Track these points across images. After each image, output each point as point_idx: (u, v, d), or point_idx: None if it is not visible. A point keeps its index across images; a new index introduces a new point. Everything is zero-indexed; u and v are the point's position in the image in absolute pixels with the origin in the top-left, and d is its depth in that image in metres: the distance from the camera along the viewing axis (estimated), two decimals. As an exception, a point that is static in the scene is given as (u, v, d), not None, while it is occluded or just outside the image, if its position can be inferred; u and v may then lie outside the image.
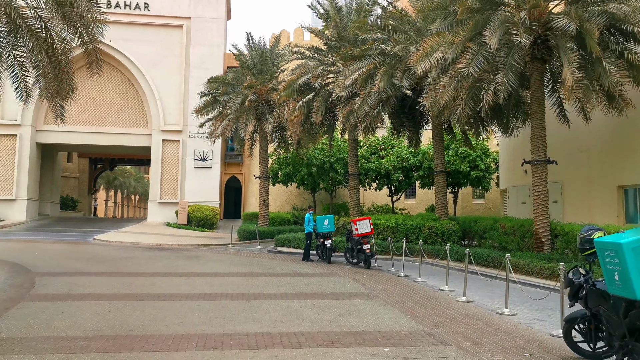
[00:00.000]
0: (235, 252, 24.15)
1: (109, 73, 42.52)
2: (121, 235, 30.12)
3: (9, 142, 39.68)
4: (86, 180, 56.60)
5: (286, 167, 37.72)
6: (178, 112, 42.05)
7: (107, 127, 42.21)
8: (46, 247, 23.59)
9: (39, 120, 41.22)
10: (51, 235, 30.38)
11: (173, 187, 41.85)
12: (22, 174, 39.64)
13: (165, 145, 41.96)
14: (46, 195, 44.77)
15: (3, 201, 39.19)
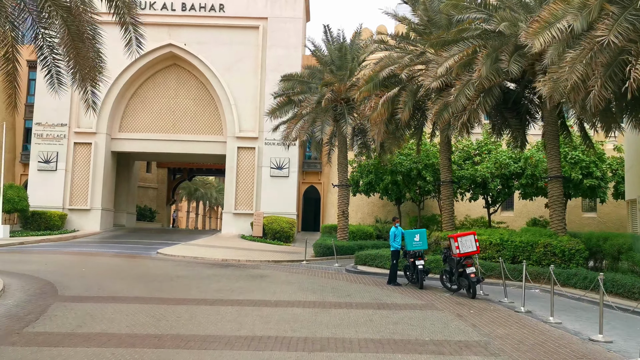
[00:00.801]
0: (308, 270, 20.58)
1: (183, 78, 40.67)
2: (187, 249, 27.41)
3: (84, 150, 38.47)
4: (165, 190, 55.38)
5: (368, 175, 33.92)
6: (254, 117, 39.40)
7: (181, 135, 40.23)
8: (100, 261, 21.07)
9: (114, 128, 39.85)
10: (116, 247, 28.20)
11: (248, 197, 39.14)
12: (96, 183, 38.27)
13: (240, 153, 39.38)
14: (122, 205, 43.41)
15: (78, 211, 37.92)
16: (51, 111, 37.97)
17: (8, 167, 39.78)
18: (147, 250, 27.01)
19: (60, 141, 38.06)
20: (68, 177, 38.01)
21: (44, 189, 37.43)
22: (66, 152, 38.03)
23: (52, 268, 18.08)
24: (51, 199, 37.41)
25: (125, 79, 39.07)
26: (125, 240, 33.24)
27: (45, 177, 37.64)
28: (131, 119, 40.15)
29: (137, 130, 40.08)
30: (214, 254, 25.14)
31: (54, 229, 35.91)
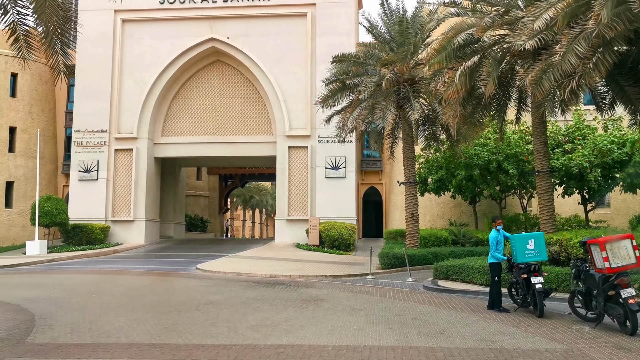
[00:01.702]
0: (376, 289, 16.04)
1: (227, 75, 37.02)
2: (232, 263, 23.38)
3: (125, 157, 35.32)
4: (217, 198, 52.07)
5: (437, 171, 29.07)
6: (305, 114, 35.24)
7: (228, 136, 36.50)
8: (123, 282, 17.24)
9: (156, 132, 36.57)
10: (154, 263, 24.51)
11: (302, 202, 34.95)
12: (139, 192, 35.02)
13: (291, 153, 35.27)
14: (169, 215, 40.12)
15: (121, 223, 34.75)
16: (90, 117, 35.07)
17: (50, 178, 37.18)
18: (187, 265, 23.17)
19: (101, 148, 35.06)
20: (110, 186, 34.94)
21: (85, 200, 34.48)
22: (107, 160, 34.99)
23: (58, 294, 14.32)
24: (92, 210, 34.40)
25: (166, 78, 35.72)
26: (168, 253, 29.67)
27: (86, 188, 34.70)
28: (174, 121, 36.79)
29: (181, 134, 36.67)
30: (261, 269, 20.97)
31: (95, 243, 32.83)
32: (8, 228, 34.24)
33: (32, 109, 36.10)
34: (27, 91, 35.86)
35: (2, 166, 34.35)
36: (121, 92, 35.57)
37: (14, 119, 35.10)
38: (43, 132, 36.27)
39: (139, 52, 35.80)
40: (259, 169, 51.16)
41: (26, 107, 35.71)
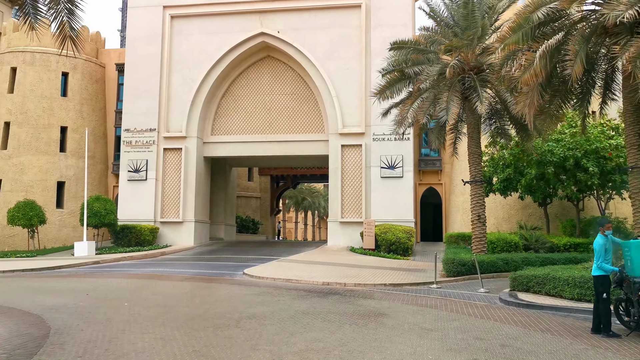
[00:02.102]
0: (444, 301, 13.79)
1: (278, 71, 35.38)
2: (282, 268, 21.55)
3: (175, 157, 34.18)
4: (268, 200, 50.63)
5: (504, 169, 26.43)
6: (359, 110, 33.18)
7: (278, 135, 34.86)
8: (161, 288, 15.63)
9: (205, 131, 35.31)
10: (200, 266, 23.01)
11: (356, 203, 32.88)
12: (188, 192, 33.80)
13: (345, 152, 33.25)
14: (219, 217, 38.82)
15: (170, 224, 33.62)
16: (139, 115, 34.14)
17: (100, 179, 36.53)
18: (234, 269, 21.51)
19: (150, 148, 34.05)
20: (159, 186, 33.88)
21: (134, 201, 33.54)
22: (156, 160, 33.94)
23: (88, 302, 12.81)
24: (142, 211, 33.41)
25: (215, 75, 34.39)
26: (217, 256, 28.19)
27: (135, 188, 33.75)
28: (223, 120, 35.43)
29: (230, 132, 35.26)
30: (313, 275, 19.02)
31: (144, 244, 31.77)
32: (59, 229, 33.68)
33: (83, 108, 35.51)
34: (77, 90, 35.30)
35: (54, 166, 33.85)
36: (170, 90, 34.50)
37: (64, 118, 34.56)
38: (93, 131, 35.65)
39: (188, 49, 34.65)
40: (311, 170, 49.40)
41: (77, 106, 35.14)
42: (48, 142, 33.81)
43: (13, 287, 15.41)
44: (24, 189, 32.90)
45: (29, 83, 34.00)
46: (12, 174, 33.15)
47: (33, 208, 29.85)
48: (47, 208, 32.58)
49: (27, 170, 33.19)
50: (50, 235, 33.25)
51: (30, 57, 34.21)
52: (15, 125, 33.67)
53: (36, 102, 33.87)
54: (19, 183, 33.05)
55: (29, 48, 34.25)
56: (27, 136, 33.51)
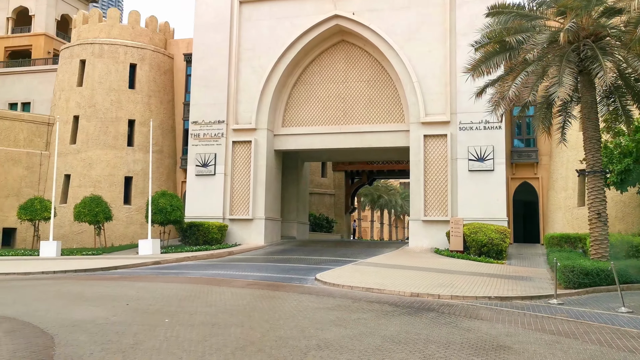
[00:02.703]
0: (579, 325, 10.20)
1: (353, 56, 32.31)
2: (360, 272, 18.44)
3: (244, 150, 31.86)
4: (343, 197, 47.68)
5: (621, 160, 22.07)
6: (443, 97, 29.56)
7: (354, 126, 31.81)
8: (218, 298, 12.91)
9: (276, 122, 32.80)
10: (268, 269, 20.34)
11: (440, 200, 29.27)
12: (258, 188, 31.39)
13: (427, 143, 29.71)
14: (291, 214, 36.25)
15: (239, 222, 31.35)
16: (207, 107, 32.09)
17: (168, 174, 34.88)
18: (305, 273, 18.66)
19: (218, 141, 31.92)
20: (227, 181, 31.70)
21: (202, 197, 31.53)
22: (225, 153, 31.77)
23: (123, 316, 10.28)
24: (210, 207, 31.34)
25: (286, 62, 31.80)
26: (287, 257, 25.53)
27: (203, 183, 31.74)
28: (295, 110, 32.78)
29: (302, 124, 32.56)
30: (397, 283, 15.79)
31: (212, 243, 29.65)
32: (127, 225, 32.24)
33: (151, 100, 33.96)
34: (145, 82, 33.78)
35: (121, 161, 32.46)
36: (238, 79, 32.23)
37: (132, 111, 33.11)
38: (161, 125, 34.04)
39: (257, 36, 32.24)
40: (388, 165, 46.00)
41: (144, 98, 33.62)
42: (116, 136, 32.45)
43: (50, 293, 13.24)
44: (92, 184, 31.67)
45: (97, 75, 32.77)
46: (80, 169, 32.02)
47: (99, 204, 28.39)
48: (115, 204, 31.17)
49: (95, 165, 31.96)
50: (117, 232, 31.84)
51: (98, 49, 32.98)
52: (84, 119, 32.52)
53: (104, 94, 32.59)
54: (87, 178, 31.85)
55: (97, 40, 33.06)
56: (95, 130, 32.28)
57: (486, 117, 28.44)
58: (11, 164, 31.54)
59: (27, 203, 27.97)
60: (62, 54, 34.61)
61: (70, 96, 32.93)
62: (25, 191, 31.28)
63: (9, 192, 31.23)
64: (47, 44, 41.86)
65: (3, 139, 31.58)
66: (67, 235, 31.29)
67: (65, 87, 33.25)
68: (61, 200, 31.91)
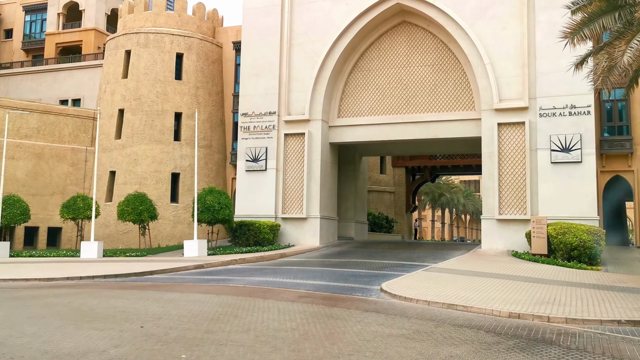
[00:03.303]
0: None
1: (416, 38, 28.96)
2: (432, 282, 15.16)
3: (296, 143, 29.08)
4: (403, 195, 44.23)
5: None
6: (519, 80, 25.81)
7: (417, 115, 28.45)
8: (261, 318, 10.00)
9: (331, 113, 29.83)
10: (323, 275, 17.38)
11: (518, 196, 25.55)
12: (312, 184, 28.53)
13: (502, 132, 26.03)
14: (348, 213, 33.20)
15: (292, 221, 28.60)
16: (258, 97, 29.50)
17: (218, 170, 32.55)
18: (368, 281, 15.60)
19: (269, 134, 29.27)
20: (279, 177, 28.99)
21: (252, 194, 28.96)
22: (276, 147, 29.09)
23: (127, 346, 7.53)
24: (261, 205, 28.73)
25: (342, 47, 28.80)
26: (346, 260, 22.52)
27: (253, 179, 29.16)
28: (352, 99, 29.72)
29: (360, 114, 29.47)
30: (486, 297, 12.45)
31: (264, 243, 27.05)
32: (174, 225, 30.08)
33: (198, 92, 31.69)
34: (192, 72, 31.55)
35: (168, 156, 30.32)
36: (290, 67, 29.46)
37: (179, 103, 30.92)
38: (210, 117, 31.74)
39: (310, 19, 29.37)
40: (452, 160, 42.35)
41: (192, 90, 31.38)
42: (162, 130, 30.34)
43: (54, 309, 10.72)
44: (138, 181, 29.67)
45: (142, 66, 30.78)
46: (125, 165, 30.09)
47: (143, 201, 26.25)
48: (161, 202, 29.05)
49: (140, 160, 29.95)
50: (164, 232, 29.71)
51: (144, 39, 30.99)
52: (129, 113, 30.59)
53: (150, 86, 30.55)
54: (133, 175, 29.89)
55: (143, 29, 31.08)
56: (140, 124, 30.28)
57: (573, 101, 24.71)
58: (56, 161, 29.98)
59: (70, 201, 26.18)
60: (108, 45, 32.88)
61: (115, 89, 31.10)
62: (70, 189, 29.62)
63: (54, 190, 29.68)
64: (97, 38, 40.55)
65: (48, 134, 30.08)
66: (112, 235, 29.42)
67: (110, 79, 31.46)
68: (106, 198, 30.10)
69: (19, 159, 29.04)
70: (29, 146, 29.32)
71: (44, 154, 29.75)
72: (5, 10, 44.45)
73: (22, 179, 29.02)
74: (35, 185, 29.29)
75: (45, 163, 29.69)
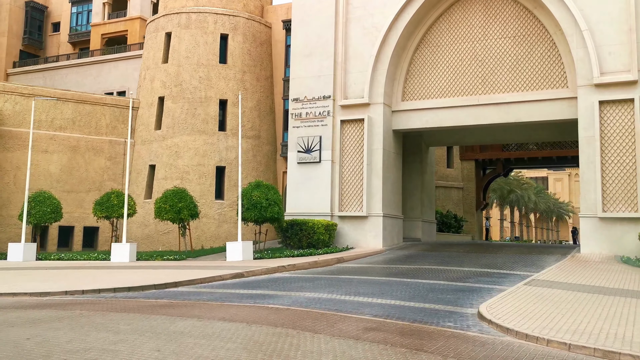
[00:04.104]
0: None
1: (495, 6, 24.41)
2: (549, 303, 10.81)
3: (354, 131, 25.13)
4: (473, 191, 39.42)
5: None
6: (626, 48, 20.86)
7: (495, 95, 23.91)
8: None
9: (394, 95, 25.70)
10: (392, 288, 13.34)
11: (627, 189, 20.61)
12: (374, 178, 24.49)
13: (604, 112, 21.11)
14: (414, 211, 28.94)
15: (351, 219, 24.68)
16: (310, 80, 25.76)
17: (267, 163, 29.05)
18: (454, 299, 11.49)
19: (324, 121, 25.47)
20: (335, 170, 25.13)
21: (305, 189, 25.25)
22: (332, 136, 25.25)
23: None
24: (315, 202, 24.98)
25: (406, 20, 24.61)
26: (416, 267, 18.40)
27: (307, 172, 25.44)
28: (418, 79, 25.49)
29: (428, 96, 25.20)
30: (631, 332, 8.17)
31: (319, 245, 23.31)
32: (219, 224, 26.78)
33: (245, 77, 28.27)
34: (238, 56, 28.15)
35: (212, 148, 27.05)
36: (347, 44, 25.54)
37: (224, 90, 27.61)
38: (258, 105, 28.28)
39: (370, -12, 25.38)
40: (530, 152, 37.39)
41: (238, 74, 28.00)
42: (205, 119, 27.10)
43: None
44: (179, 175, 26.55)
45: (184, 49, 27.65)
46: (166, 158, 27.04)
47: (183, 198, 23.01)
48: (204, 199, 25.80)
49: (182, 153, 26.82)
50: (208, 232, 26.45)
51: (185, 19, 27.85)
52: (170, 100, 27.52)
53: (192, 71, 27.38)
54: (174, 169, 26.79)
55: (184, 9, 27.94)
56: (181, 112, 27.15)
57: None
58: (92, 154, 27.29)
59: (103, 198, 23.30)
60: (148, 29, 30.02)
61: (155, 75, 28.12)
62: (108, 185, 26.86)
63: (90, 186, 27.01)
64: (143, 28, 37.98)
65: (84, 125, 27.42)
66: (151, 236, 26.43)
67: (150, 64, 28.54)
68: (145, 194, 27.17)
69: (53, 152, 26.48)
70: (64, 138, 26.73)
71: (80, 147, 27.09)
72: (52, 3, 42.76)
73: (56, 174, 26.46)
74: (70, 181, 26.71)
75: (81, 157, 27.04)
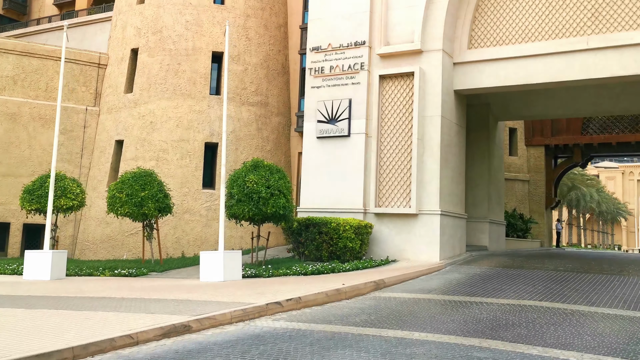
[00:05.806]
0: None
1: None
2: None
3: (398, 91, 16.88)
4: (541, 184, 30.64)
5: None
6: None
7: (613, 35, 15.38)
8: None
9: (457, 41, 17.32)
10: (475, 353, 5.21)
11: None
12: (428, 160, 16.21)
13: None
14: (479, 208, 20.47)
15: (391, 218, 16.46)
16: (337, 20, 17.65)
17: (277, 139, 21.05)
18: None
19: (355, 77, 17.29)
20: (371, 147, 16.91)
21: (327, 174, 17.16)
22: (366, 99, 17.05)
23: None
24: (340, 193, 16.87)
25: None
26: (512, 303, 10.11)
27: (330, 151, 17.33)
28: (493, 17, 17.05)
29: (508, 41, 16.72)
30: None
31: (345, 255, 15.35)
32: (207, 222, 18.92)
33: (249, 23, 20.31)
34: (239, -7, 20.25)
35: (200, 117, 19.21)
36: (391, -33, 17.30)
37: (219, 39, 19.72)
38: (266, 61, 20.37)
39: None
40: (618, 136, 28.54)
41: (239, 20, 20.09)
42: (192, 79, 19.26)
43: None
44: (154, 155, 18.81)
45: (165, -16, 19.89)
46: (137, 131, 19.31)
47: (147, 184, 15.27)
48: (188, 187, 18.00)
49: (159, 124, 19.06)
50: (192, 234, 18.61)
51: (169, -55, 20.09)
52: (145, 53, 19.78)
53: (176, 13, 19.59)
54: (147, 146, 19.04)
55: None
56: (160, 69, 19.39)
57: None
58: (39, 125, 19.80)
59: (36, 183, 15.76)
60: (124, -37, 22.41)
61: (127, 20, 20.47)
62: (60, 167, 19.24)
63: (35, 169, 19.57)
64: (137, -18, 30.56)
65: (28, 86, 19.99)
66: (114, 238, 18.78)
67: (122, 7, 20.93)
68: (109, 180, 19.55)
69: (-18, 122, 19.16)
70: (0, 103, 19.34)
71: (22, 115, 19.62)
72: (39, -40, 35.88)
73: (-13, 151, 19.16)
74: (5, 161, 19.36)
75: (23, 128, 19.58)
